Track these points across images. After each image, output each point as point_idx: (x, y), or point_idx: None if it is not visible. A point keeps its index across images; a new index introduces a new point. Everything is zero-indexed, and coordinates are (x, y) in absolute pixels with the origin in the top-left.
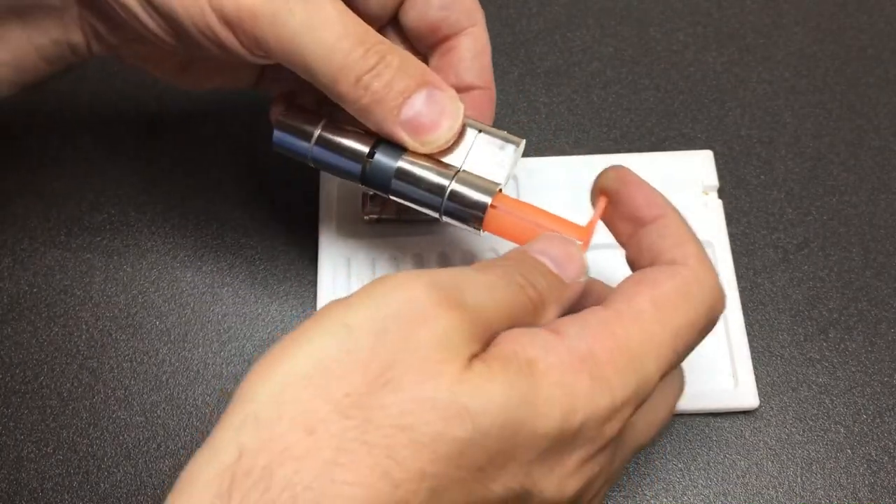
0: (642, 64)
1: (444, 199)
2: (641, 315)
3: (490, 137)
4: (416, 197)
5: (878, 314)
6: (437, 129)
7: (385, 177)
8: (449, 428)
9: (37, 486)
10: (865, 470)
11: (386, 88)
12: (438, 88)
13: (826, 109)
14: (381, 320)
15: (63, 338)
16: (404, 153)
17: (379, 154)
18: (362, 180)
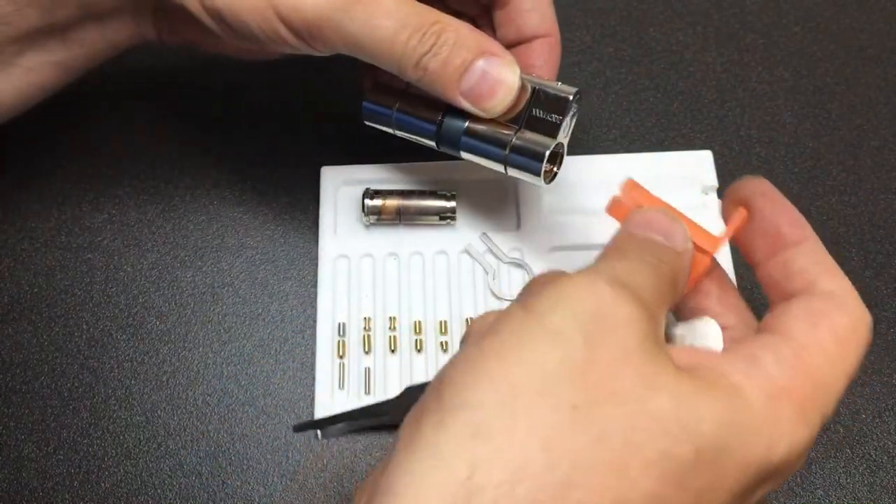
0: (642, 64)
1: (506, 154)
2: (826, 351)
3: (548, 90)
4: (483, 152)
5: (878, 314)
6: (494, 97)
7: (455, 136)
8: (676, 446)
9: (38, 486)
10: (865, 469)
11: (444, 66)
12: (496, 56)
13: (825, 110)
14: (584, 324)
15: (64, 338)
16: (470, 117)
17: (448, 118)
18: (437, 141)
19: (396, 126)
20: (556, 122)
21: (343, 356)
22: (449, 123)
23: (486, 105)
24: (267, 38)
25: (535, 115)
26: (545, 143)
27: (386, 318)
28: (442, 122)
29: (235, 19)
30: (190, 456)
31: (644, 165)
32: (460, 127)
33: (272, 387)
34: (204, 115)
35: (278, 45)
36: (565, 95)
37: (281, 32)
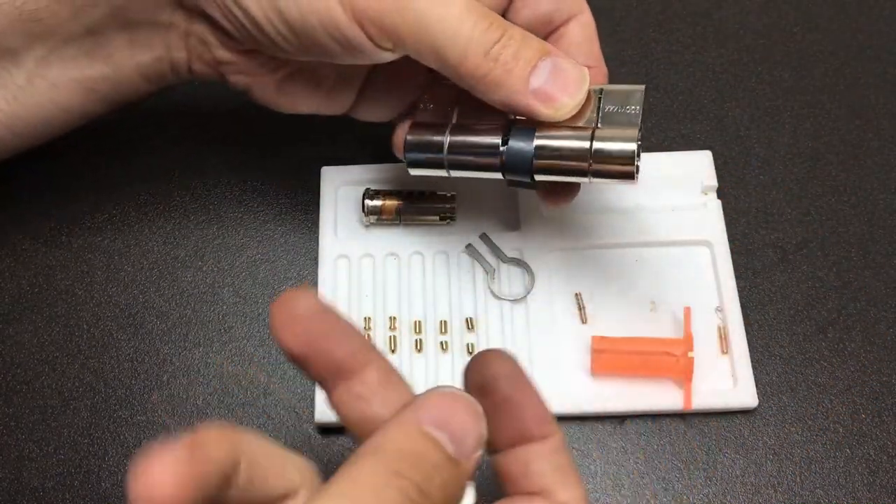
0: (641, 64)
1: (589, 161)
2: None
3: (613, 91)
4: (560, 169)
5: (877, 314)
6: (566, 94)
7: (525, 159)
8: None
9: (38, 486)
10: (864, 469)
11: (515, 59)
12: (559, 55)
13: (825, 110)
14: None
15: (64, 337)
16: (536, 131)
17: (513, 140)
18: (503, 171)
19: (451, 165)
20: (633, 113)
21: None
22: (514, 147)
23: (560, 102)
24: (324, 27)
25: (607, 112)
26: (630, 136)
27: (386, 318)
28: (504, 147)
29: (290, 9)
30: None
31: (644, 166)
32: (528, 147)
33: (272, 387)
34: (204, 115)
35: (334, 38)
36: (636, 89)
37: (338, 18)
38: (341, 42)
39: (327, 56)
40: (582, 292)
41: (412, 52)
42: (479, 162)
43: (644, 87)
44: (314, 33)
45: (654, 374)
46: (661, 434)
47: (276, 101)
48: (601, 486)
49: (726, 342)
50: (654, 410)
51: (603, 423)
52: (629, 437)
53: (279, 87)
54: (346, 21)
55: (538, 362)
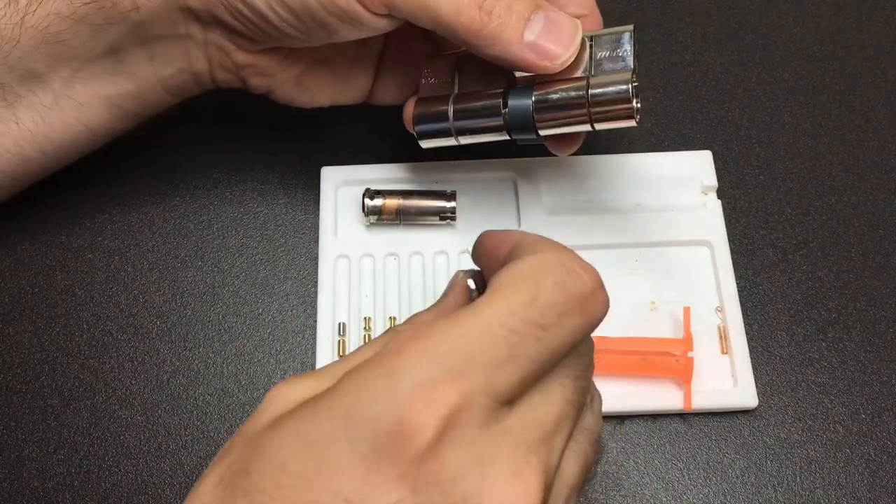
0: (641, 64)
1: (588, 108)
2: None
3: (603, 35)
4: (562, 120)
5: (877, 314)
6: (560, 46)
7: (526, 115)
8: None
9: (38, 486)
10: (864, 469)
11: (508, 12)
12: (551, 9)
13: (825, 110)
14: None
15: (64, 337)
16: (534, 87)
17: (512, 99)
18: (508, 130)
19: (458, 132)
20: (624, 56)
21: (343, 356)
22: (515, 105)
23: (555, 54)
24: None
25: (599, 59)
26: (624, 79)
27: (386, 318)
28: (506, 107)
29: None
30: (190, 456)
31: (644, 166)
32: (527, 103)
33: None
34: (204, 115)
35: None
36: (624, 29)
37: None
38: (338, 14)
39: (332, 33)
40: None
41: (406, 13)
42: (484, 125)
43: (632, 26)
44: (314, 11)
45: (654, 374)
46: (661, 434)
47: (297, 97)
48: (601, 487)
49: (726, 342)
50: (654, 410)
51: (603, 422)
52: (629, 438)
53: (298, 83)
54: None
55: None
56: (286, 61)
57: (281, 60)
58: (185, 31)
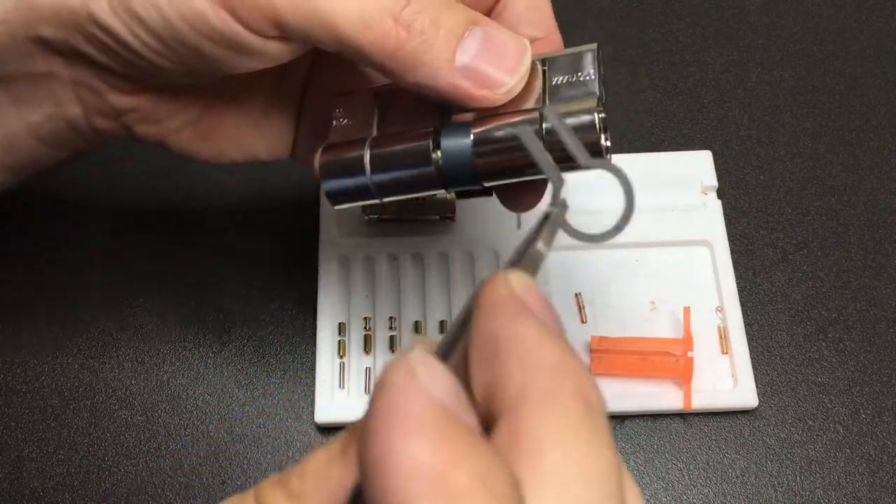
0: (641, 64)
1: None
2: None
3: (560, 57)
4: (510, 165)
5: (877, 314)
6: (502, 69)
7: (463, 160)
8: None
9: (38, 486)
10: (864, 469)
11: (434, 25)
12: (491, 24)
13: (825, 110)
14: None
15: (64, 337)
16: (472, 124)
17: (445, 140)
18: (443, 182)
19: (377, 188)
20: (586, 80)
21: (343, 356)
22: (449, 147)
23: (497, 80)
24: (188, 23)
25: (556, 85)
26: (587, 107)
27: (386, 318)
28: (437, 150)
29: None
30: (190, 456)
31: (643, 165)
32: (464, 144)
33: (272, 387)
34: None
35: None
36: (586, 49)
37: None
38: (216, 39)
39: (216, 65)
40: (582, 292)
41: (301, 32)
42: (411, 176)
43: (596, 45)
44: (184, 37)
45: (654, 375)
46: (661, 434)
47: (198, 150)
48: None
49: (726, 342)
50: (654, 410)
51: None
52: (629, 438)
53: (197, 132)
54: (210, 9)
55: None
56: (177, 103)
57: (170, 102)
58: (45, 67)
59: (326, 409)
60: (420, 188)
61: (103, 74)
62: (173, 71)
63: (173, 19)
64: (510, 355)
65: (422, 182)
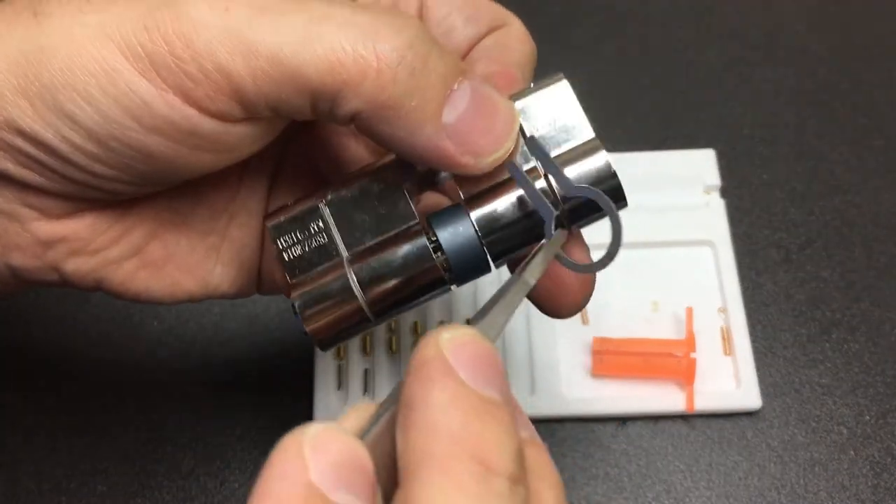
0: (644, 63)
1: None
2: None
3: (530, 103)
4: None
5: (881, 315)
6: (491, 136)
7: (472, 247)
8: None
9: (34, 488)
10: (868, 471)
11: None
12: (479, 79)
13: (829, 108)
14: None
15: (63, 338)
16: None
17: (440, 231)
18: (453, 278)
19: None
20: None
21: (342, 357)
22: (450, 239)
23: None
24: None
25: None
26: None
27: None
28: (433, 239)
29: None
30: (187, 458)
31: (646, 164)
32: (466, 230)
33: (272, 387)
34: None
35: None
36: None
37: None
38: (166, 130)
39: (169, 167)
40: None
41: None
42: (416, 286)
43: (561, 74)
44: (126, 133)
45: (656, 376)
46: (663, 436)
47: (146, 286)
48: (602, 488)
49: (729, 343)
50: (656, 412)
51: (604, 424)
52: (631, 439)
53: (143, 261)
54: (155, 94)
55: (539, 363)
56: (118, 225)
57: (109, 224)
58: None
59: (325, 410)
60: (427, 293)
61: (25, 196)
62: (115, 180)
63: (111, 112)
64: (417, 421)
65: (428, 287)
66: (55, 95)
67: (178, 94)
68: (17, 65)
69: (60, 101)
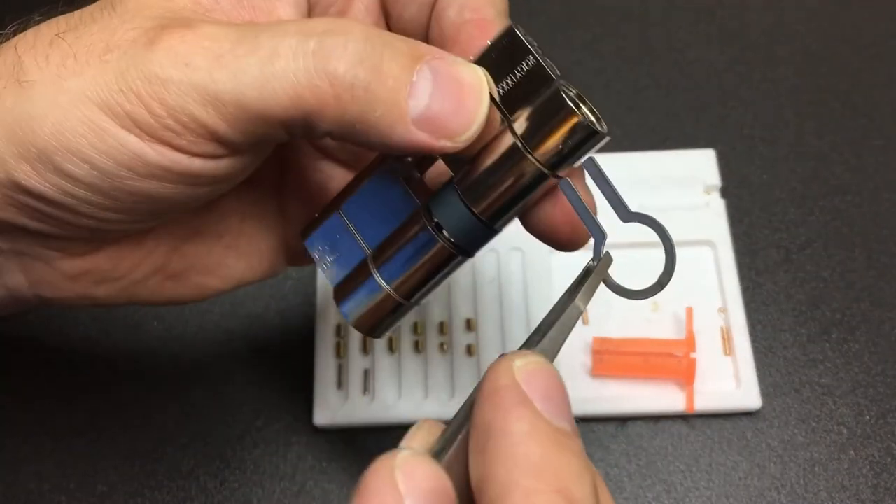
0: (644, 63)
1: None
2: None
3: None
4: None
5: (881, 315)
6: (462, 112)
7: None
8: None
9: (34, 488)
10: (868, 471)
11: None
12: (437, 58)
13: (829, 108)
14: None
15: (62, 338)
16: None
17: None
18: (461, 251)
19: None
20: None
21: (342, 356)
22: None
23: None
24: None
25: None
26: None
27: None
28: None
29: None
30: (187, 458)
31: (646, 164)
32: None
33: (272, 387)
34: None
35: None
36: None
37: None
38: (161, 175)
39: (172, 203)
40: None
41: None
42: (429, 266)
43: (510, 23)
44: (125, 183)
45: (656, 376)
46: (663, 436)
47: (174, 293)
48: None
49: (729, 343)
50: (656, 412)
51: (604, 424)
52: (631, 439)
53: (168, 275)
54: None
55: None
56: (139, 251)
57: (130, 253)
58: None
59: (325, 410)
60: (440, 271)
61: (46, 241)
62: (124, 221)
63: (107, 167)
64: (497, 451)
65: (440, 265)
66: (52, 158)
67: (164, 144)
68: (13, 132)
69: (57, 162)
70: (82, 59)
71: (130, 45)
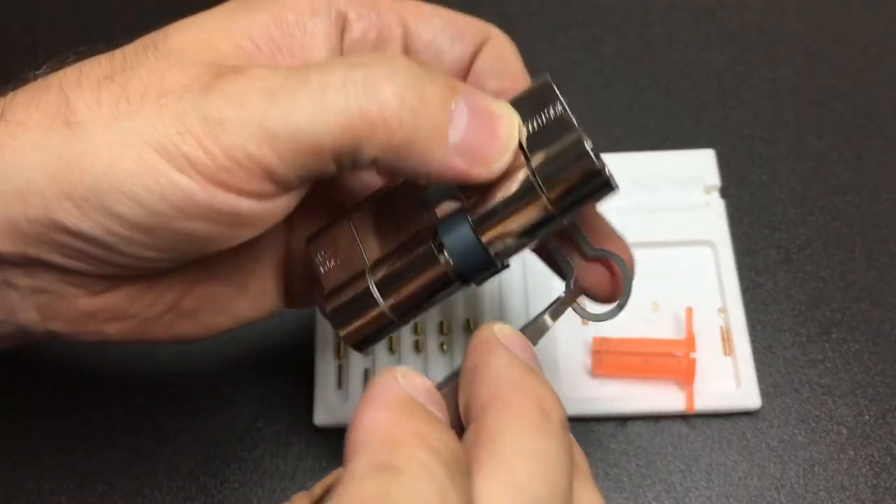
0: (644, 63)
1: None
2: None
3: (520, 101)
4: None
5: (881, 315)
6: (494, 144)
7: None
8: None
9: (34, 489)
10: (868, 471)
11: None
12: (472, 91)
13: (829, 108)
14: None
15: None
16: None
17: (443, 233)
18: (460, 276)
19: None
20: (558, 112)
21: (342, 357)
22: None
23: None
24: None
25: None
26: (574, 140)
27: None
28: (440, 247)
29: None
30: (186, 459)
31: (646, 164)
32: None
33: (272, 387)
34: None
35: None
36: (540, 82)
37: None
38: (208, 216)
39: (208, 243)
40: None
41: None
42: (425, 286)
43: (547, 75)
44: (171, 223)
45: (656, 376)
46: (663, 436)
47: (182, 332)
48: (602, 488)
49: (729, 343)
50: (656, 412)
51: (604, 424)
52: (630, 439)
53: (178, 314)
54: (198, 188)
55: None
56: (153, 290)
57: (145, 291)
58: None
59: (325, 410)
60: (436, 294)
61: (68, 278)
62: (157, 259)
63: (157, 207)
64: (482, 378)
65: (436, 288)
66: (101, 198)
67: (217, 185)
68: (58, 171)
69: (107, 202)
70: (136, 102)
71: (184, 90)
